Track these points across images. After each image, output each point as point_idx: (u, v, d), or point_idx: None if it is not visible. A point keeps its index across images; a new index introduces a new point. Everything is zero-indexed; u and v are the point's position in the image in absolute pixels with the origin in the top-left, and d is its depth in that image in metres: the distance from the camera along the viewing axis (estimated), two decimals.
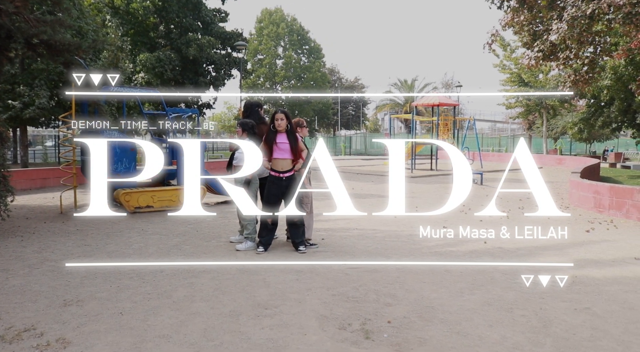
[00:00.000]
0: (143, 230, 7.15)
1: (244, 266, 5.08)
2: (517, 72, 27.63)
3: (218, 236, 6.74)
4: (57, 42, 7.30)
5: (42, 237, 6.59)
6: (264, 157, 5.66)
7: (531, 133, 42.38)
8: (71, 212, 8.84)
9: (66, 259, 5.46)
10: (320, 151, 4.24)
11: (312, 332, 3.43)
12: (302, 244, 5.88)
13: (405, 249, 6.04)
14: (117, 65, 14.74)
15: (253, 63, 44.50)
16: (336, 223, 7.62)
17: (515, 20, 10.01)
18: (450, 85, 52.46)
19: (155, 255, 5.70)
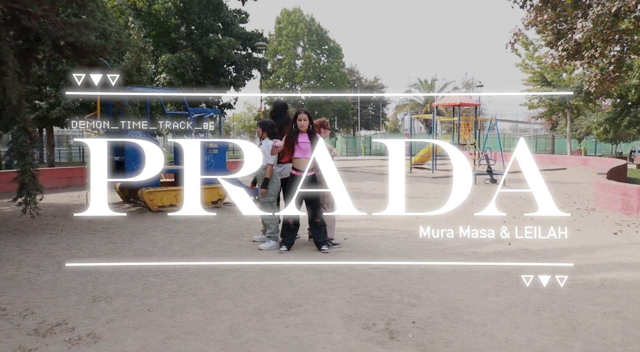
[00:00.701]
0: (167, 228, 7.25)
1: (267, 266, 5.12)
2: (540, 72, 27.25)
3: (240, 235, 6.79)
4: (82, 44, 7.45)
5: (70, 235, 6.72)
6: (275, 143, 5.71)
7: (554, 133, 41.75)
8: None
9: (94, 257, 5.57)
10: (320, 151, 4.27)
11: (336, 332, 3.44)
12: (325, 243, 5.90)
13: (428, 249, 6.01)
14: (139, 66, 14.95)
15: (273, 63, 44.69)
16: (358, 223, 7.61)
17: (539, 19, 9.87)
18: (470, 85, 51.97)
19: (180, 253, 5.78)
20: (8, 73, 6.75)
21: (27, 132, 7.05)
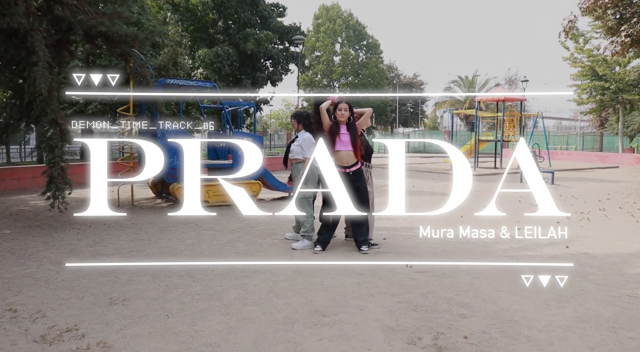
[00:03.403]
0: (197, 225, 6.93)
1: (300, 267, 4.70)
2: (591, 65, 25.82)
3: (273, 233, 6.41)
4: (114, 34, 7.21)
5: (97, 231, 6.49)
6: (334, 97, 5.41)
7: (603, 130, 39.81)
8: (128, 206, 8.82)
9: (118, 254, 5.30)
10: (319, 151, 4.18)
11: (377, 347, 2.99)
12: (365, 243, 5.43)
13: (476, 251, 5.47)
14: (175, 61, 14.81)
15: (311, 60, 44.32)
16: (398, 222, 7.12)
17: (599, 3, 9.07)
18: (514, 82, 50.14)
19: (208, 252, 5.43)
20: (39, 63, 6.57)
21: (57, 124, 6.87)
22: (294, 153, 5.70)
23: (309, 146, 5.49)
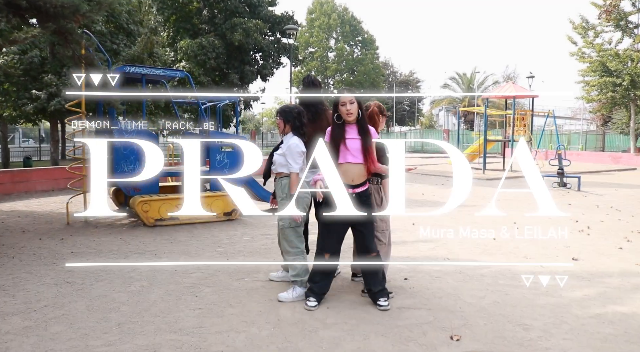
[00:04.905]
0: (145, 272, 5.23)
1: (291, 334, 3.01)
2: (600, 60, 24.21)
3: (256, 271, 4.72)
4: (46, 4, 5.48)
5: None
6: (320, 176, 3.59)
7: (605, 129, 38.45)
8: (77, 224, 7.11)
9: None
10: (320, 151, 3.46)
11: None
12: (384, 294, 3.74)
13: (542, 303, 3.78)
14: (151, 51, 12.99)
15: (304, 56, 42.58)
16: (416, 248, 5.49)
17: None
18: (511, 79, 48.63)
19: (155, 309, 3.73)
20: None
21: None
22: (276, 165, 3.99)
23: (295, 157, 3.83)
